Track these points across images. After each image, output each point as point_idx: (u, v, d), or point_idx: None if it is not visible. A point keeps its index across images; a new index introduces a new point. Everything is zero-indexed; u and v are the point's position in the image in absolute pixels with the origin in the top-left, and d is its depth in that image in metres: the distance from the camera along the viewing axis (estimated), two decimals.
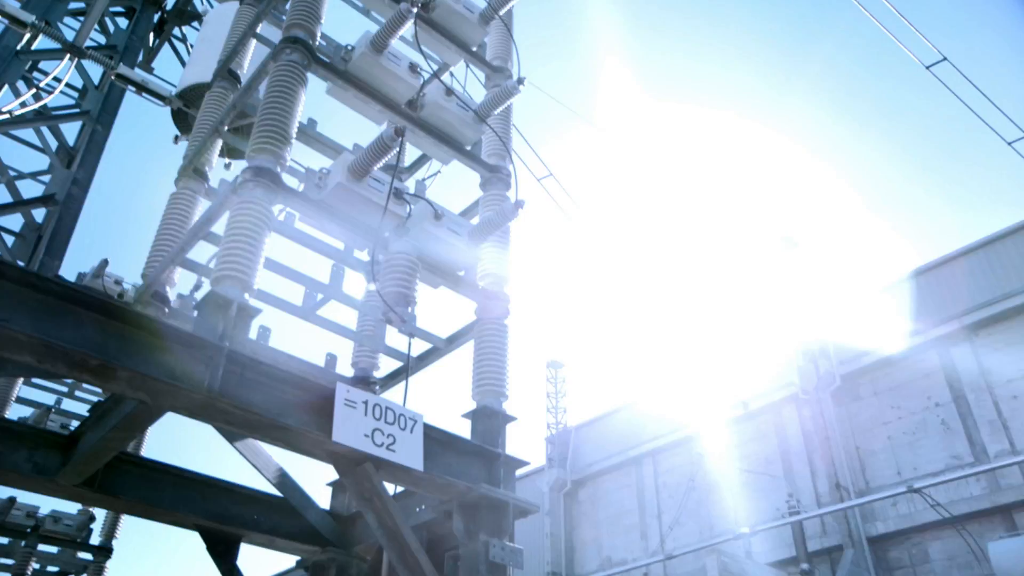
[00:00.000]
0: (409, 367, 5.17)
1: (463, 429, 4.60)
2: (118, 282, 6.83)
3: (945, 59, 13.23)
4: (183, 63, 11.45)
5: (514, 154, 5.75)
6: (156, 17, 11.16)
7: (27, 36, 8.26)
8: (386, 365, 5.74)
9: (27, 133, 8.75)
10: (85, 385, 10.05)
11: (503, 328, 4.93)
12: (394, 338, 5.51)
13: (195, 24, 11.78)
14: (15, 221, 8.20)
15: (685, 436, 17.13)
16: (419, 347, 5.40)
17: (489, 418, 4.62)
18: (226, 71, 5.76)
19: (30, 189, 8.57)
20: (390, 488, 4.28)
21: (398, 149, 4.33)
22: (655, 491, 17.68)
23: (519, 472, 4.86)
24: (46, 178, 8.71)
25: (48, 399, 10.29)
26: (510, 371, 4.89)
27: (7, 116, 8.28)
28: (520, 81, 5.21)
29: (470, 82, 6.17)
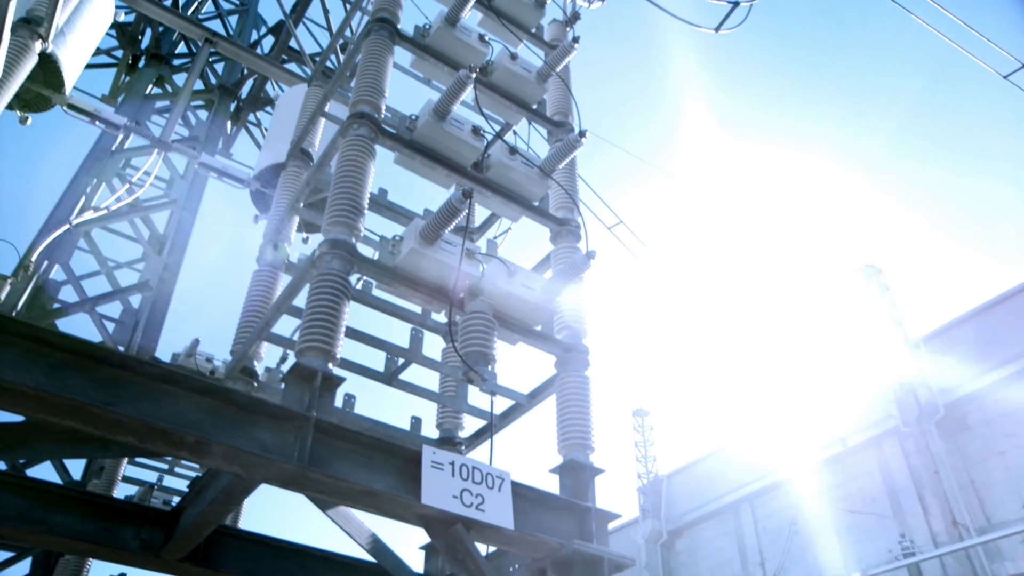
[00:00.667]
0: (493, 425, 5.17)
1: (551, 484, 4.56)
2: (209, 360, 7.10)
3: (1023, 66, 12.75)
4: (259, 146, 12.03)
5: (582, 205, 5.79)
6: (232, 106, 11.80)
7: (120, 137, 8.86)
8: (470, 425, 5.76)
9: (122, 225, 9.31)
10: (184, 461, 10.40)
11: (584, 380, 4.89)
12: (476, 397, 5.54)
13: (268, 109, 12.40)
14: (115, 308, 8.67)
15: (781, 478, 16.49)
16: (502, 404, 5.41)
17: (577, 472, 4.56)
18: (299, 150, 6.02)
19: (127, 277, 9.09)
20: (482, 548, 4.25)
21: (467, 211, 4.42)
22: (756, 537, 16.99)
23: (612, 525, 4.76)
24: (140, 265, 9.22)
25: (151, 477, 10.69)
26: (594, 422, 4.83)
27: (105, 211, 8.83)
28: (582, 134, 5.26)
29: (533, 138, 6.28)
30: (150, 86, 10.93)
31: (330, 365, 3.91)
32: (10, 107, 6.14)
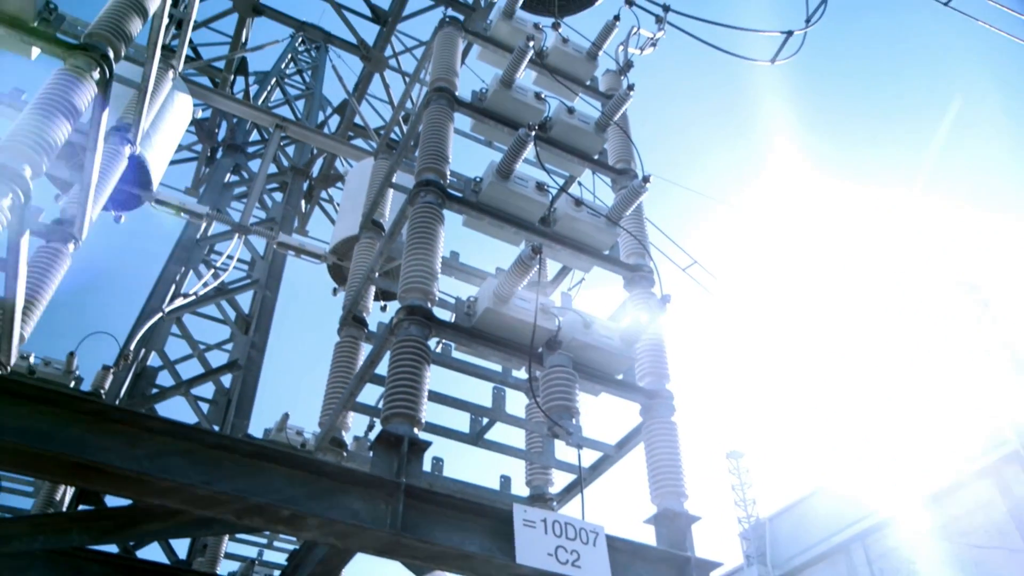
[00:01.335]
0: (582, 479, 5.11)
1: (647, 535, 4.45)
2: (299, 433, 7.26)
3: None
4: (332, 221, 12.44)
5: (653, 248, 5.76)
6: (305, 185, 12.29)
7: (203, 225, 9.33)
8: (560, 480, 5.70)
9: (210, 308, 9.73)
10: (282, 535, 10.57)
11: (672, 426, 4.80)
12: (563, 451, 5.49)
13: (338, 185, 12.86)
14: (208, 389, 9.01)
15: (891, 514, 15.64)
16: (590, 457, 5.34)
17: (672, 520, 4.44)
18: (370, 222, 6.21)
19: (217, 358, 9.46)
20: None
21: (538, 266, 4.46)
22: None
23: (714, 574, 4.60)
24: (229, 346, 9.58)
25: (251, 552, 10.88)
26: (686, 468, 4.72)
27: (193, 297, 9.26)
28: (646, 179, 5.27)
29: (598, 187, 6.31)
30: (228, 174, 11.51)
31: (416, 430, 3.94)
32: (105, 208, 6.54)
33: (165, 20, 5.51)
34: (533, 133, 4.97)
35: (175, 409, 8.90)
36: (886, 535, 15.80)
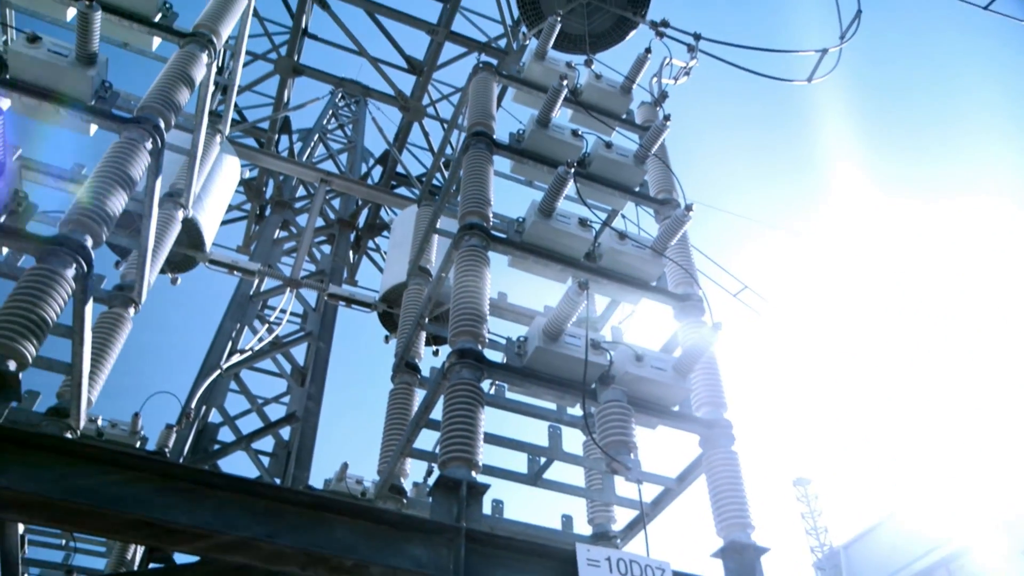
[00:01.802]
0: (645, 514, 5.02)
1: (715, 570, 4.34)
2: (359, 482, 7.30)
3: None
4: (381, 270, 12.63)
5: (703, 276, 5.71)
6: (352, 236, 12.52)
7: (256, 281, 9.56)
8: (622, 516, 5.62)
9: (266, 362, 9.91)
10: None
11: (732, 455, 4.71)
12: (624, 487, 5.42)
13: (385, 233, 13.06)
14: (268, 443, 9.14)
15: (973, 539, 14.97)
16: (651, 492, 5.25)
17: (740, 553, 4.33)
18: (417, 268, 6.29)
19: (275, 411, 9.60)
20: None
21: (586, 302, 4.45)
22: None
23: None
24: (286, 399, 9.73)
25: None
26: (751, 498, 4.61)
27: (250, 352, 9.45)
28: (688, 208, 5.25)
29: (642, 218, 6.30)
30: (277, 230, 11.79)
31: (474, 473, 3.94)
32: (162, 271, 6.76)
33: (211, 88, 5.73)
34: (572, 170, 5.00)
35: (237, 464, 9.04)
36: (971, 560, 15.13)
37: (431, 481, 6.56)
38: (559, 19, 6.55)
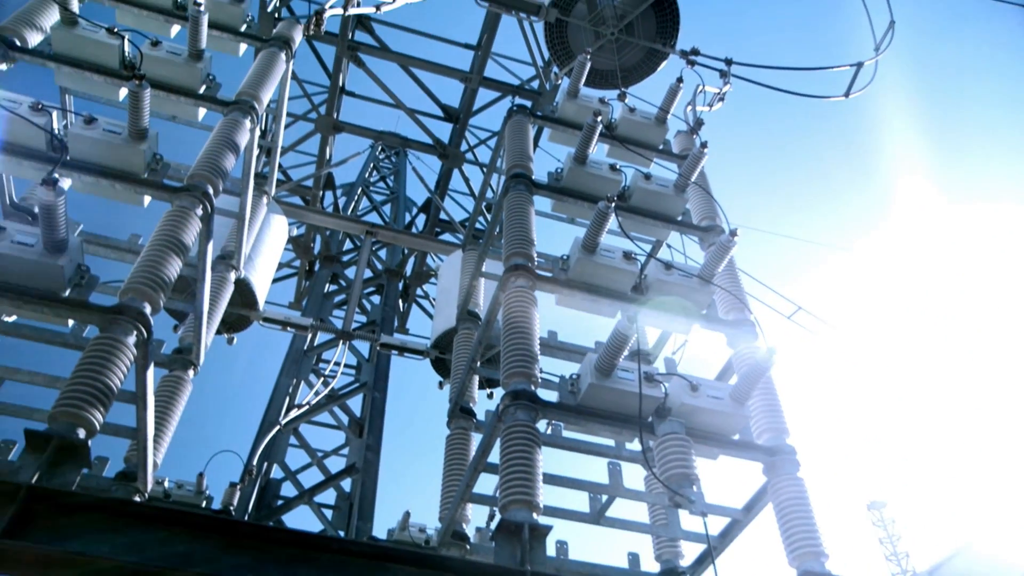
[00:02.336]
0: (713, 547, 4.90)
1: None
2: (422, 530, 7.27)
3: None
4: (430, 316, 12.73)
5: (756, 301, 5.63)
6: (400, 285, 12.68)
7: (309, 336, 9.73)
8: (690, 551, 5.49)
9: (323, 416, 10.02)
10: None
11: (799, 482, 4.58)
12: (690, 521, 5.30)
13: (432, 280, 13.20)
14: (329, 495, 9.20)
15: None
16: (718, 524, 5.13)
17: None
18: (466, 313, 6.33)
19: (335, 464, 9.67)
20: None
21: (636, 335, 4.43)
22: None
23: None
24: (345, 451, 9.80)
25: None
26: (822, 524, 4.47)
27: (307, 407, 9.57)
28: (733, 233, 5.21)
29: (688, 246, 6.26)
30: (326, 284, 12.01)
31: (535, 515, 3.90)
32: (218, 332, 6.93)
33: (255, 151, 5.92)
34: (613, 204, 5.01)
35: (301, 518, 9.12)
36: None
37: (493, 525, 6.52)
38: (589, 56, 6.62)
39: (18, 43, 5.08)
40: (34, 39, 5.23)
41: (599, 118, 5.83)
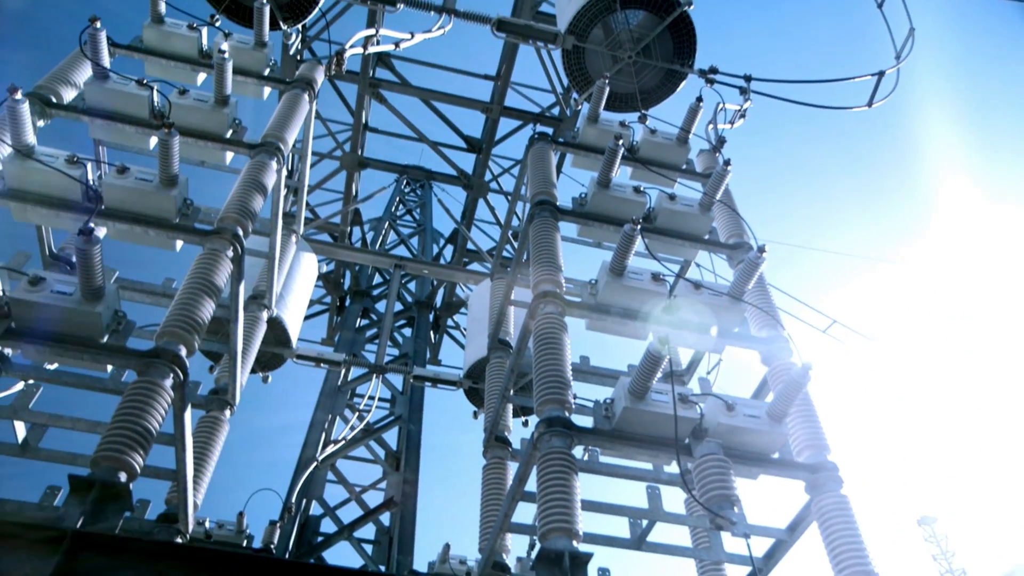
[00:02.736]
0: (758, 570, 4.81)
1: None
2: (463, 562, 7.23)
3: None
4: (462, 346, 12.75)
5: (789, 316, 5.56)
6: (431, 316, 12.73)
7: (342, 371, 9.79)
8: (735, 574, 5.39)
9: (360, 450, 10.04)
10: None
11: (843, 499, 4.49)
12: (733, 543, 5.21)
13: (462, 310, 13.24)
14: (369, 530, 9.19)
15: None
16: (762, 545, 5.04)
17: None
18: (497, 342, 6.33)
19: (373, 498, 9.66)
20: None
21: (668, 356, 4.39)
22: None
23: None
24: (383, 485, 9.80)
25: None
26: (870, 542, 4.37)
27: (343, 442, 9.61)
28: (761, 249, 5.17)
29: (717, 264, 6.22)
30: (358, 319, 12.10)
31: (575, 543, 3.86)
32: (252, 371, 7.01)
33: (283, 192, 6.02)
34: (639, 226, 5.01)
35: (341, 554, 9.09)
36: None
37: (534, 554, 6.46)
38: (607, 81, 6.66)
39: (54, 99, 5.24)
40: (68, 95, 5.39)
41: (620, 141, 5.85)
